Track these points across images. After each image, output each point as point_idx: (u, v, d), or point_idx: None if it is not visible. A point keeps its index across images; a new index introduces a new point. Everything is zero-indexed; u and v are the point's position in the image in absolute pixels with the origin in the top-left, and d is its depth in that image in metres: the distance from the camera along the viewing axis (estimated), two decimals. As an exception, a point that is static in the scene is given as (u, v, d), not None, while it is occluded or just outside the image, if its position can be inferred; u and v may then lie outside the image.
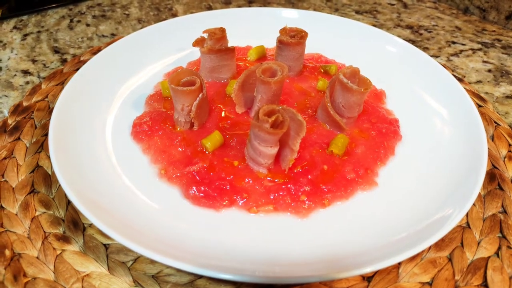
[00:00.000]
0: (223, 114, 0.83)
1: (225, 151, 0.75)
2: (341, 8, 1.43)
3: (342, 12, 1.41)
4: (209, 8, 1.41)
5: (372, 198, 0.70)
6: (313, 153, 0.74)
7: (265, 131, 0.66)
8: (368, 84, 0.76)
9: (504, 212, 0.72)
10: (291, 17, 1.12)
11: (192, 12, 1.37)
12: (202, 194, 0.68)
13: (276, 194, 0.68)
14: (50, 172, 0.75)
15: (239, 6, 1.42)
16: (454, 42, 1.25)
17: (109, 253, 0.64)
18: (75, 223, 0.68)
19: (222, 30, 0.89)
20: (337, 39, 1.06)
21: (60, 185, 0.72)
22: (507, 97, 1.03)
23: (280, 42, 0.89)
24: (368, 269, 0.55)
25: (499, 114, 0.95)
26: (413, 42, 1.24)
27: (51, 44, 1.17)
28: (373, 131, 0.80)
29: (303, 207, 0.67)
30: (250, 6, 1.42)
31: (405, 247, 0.58)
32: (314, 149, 0.75)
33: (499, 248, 0.66)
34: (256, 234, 0.64)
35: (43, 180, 0.74)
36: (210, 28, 0.90)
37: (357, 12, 1.41)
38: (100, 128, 0.81)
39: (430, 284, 0.61)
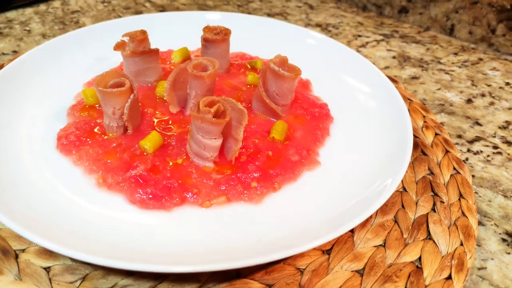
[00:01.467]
0: (156, 116, 0.80)
1: (166, 151, 0.72)
2: (252, 12, 1.48)
3: (254, 15, 1.45)
4: (120, 19, 1.36)
5: (317, 176, 0.73)
6: (256, 142, 0.74)
7: (209, 122, 0.64)
8: (297, 70, 0.79)
9: (431, 173, 0.79)
10: (213, 18, 1.13)
11: (102, 24, 1.30)
12: (150, 196, 0.64)
13: (227, 185, 0.67)
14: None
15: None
16: (359, 36, 1.36)
17: (52, 276, 0.57)
18: (4, 251, 0.59)
19: (143, 32, 0.87)
20: (259, 38, 1.09)
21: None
22: (413, 78, 1.15)
23: (205, 40, 0.89)
24: (325, 239, 0.56)
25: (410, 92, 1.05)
26: (324, 37, 1.32)
27: None
28: (307, 115, 0.83)
29: (256, 193, 0.66)
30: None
31: (355, 214, 0.60)
32: (255, 137, 0.75)
33: (434, 204, 0.73)
34: (213, 226, 0.62)
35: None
36: (130, 31, 0.87)
37: (268, 15, 1.47)
38: (22, 145, 0.72)
39: (383, 246, 0.65)
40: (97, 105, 0.81)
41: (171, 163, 0.69)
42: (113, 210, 0.64)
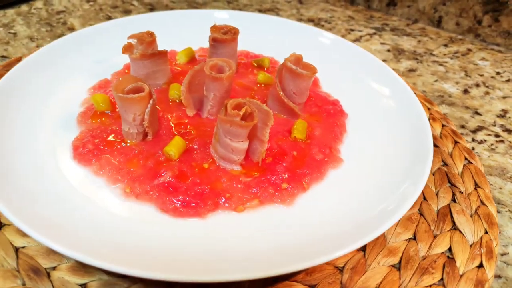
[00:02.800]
0: (172, 120, 0.78)
1: (190, 156, 0.70)
2: (243, 8, 1.47)
3: (252, 12, 1.44)
4: (109, 18, 1.31)
5: (342, 174, 0.73)
6: (279, 142, 0.74)
7: (238, 125, 0.64)
8: (313, 68, 0.79)
9: (445, 164, 0.82)
10: (221, 17, 1.11)
11: (91, 24, 1.25)
12: (183, 204, 0.62)
13: (258, 188, 0.66)
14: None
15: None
16: (352, 30, 1.38)
17: (91, 293, 0.55)
18: (35, 270, 0.57)
19: (151, 34, 0.84)
20: (258, 35, 1.08)
21: None
22: (410, 70, 1.17)
23: (214, 40, 0.87)
24: (364, 241, 0.56)
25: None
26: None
27: None
28: (323, 113, 0.83)
29: (287, 195, 0.66)
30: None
31: (389, 214, 0.61)
32: (277, 138, 0.75)
33: (453, 195, 0.75)
34: (249, 230, 0.62)
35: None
36: (135, 33, 0.84)
37: (259, 11, 1.46)
38: (36, 157, 0.69)
39: (414, 239, 0.66)
40: (109, 111, 0.78)
41: (197, 169, 0.68)
42: (145, 220, 0.62)
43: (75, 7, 1.35)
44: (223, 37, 0.86)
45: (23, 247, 0.59)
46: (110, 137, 0.73)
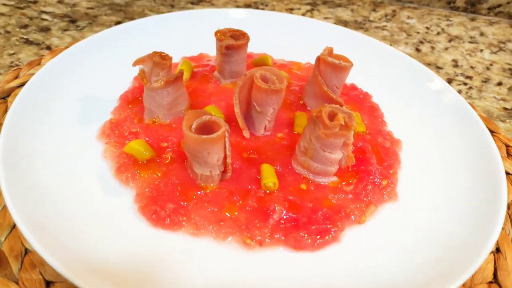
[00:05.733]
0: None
1: (283, 181, 0.63)
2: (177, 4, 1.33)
3: (179, 7, 1.31)
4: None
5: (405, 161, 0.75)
6: (348, 140, 0.72)
7: (342, 135, 0.60)
8: (347, 58, 0.77)
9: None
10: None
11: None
12: (317, 233, 0.57)
13: (365, 192, 0.64)
14: None
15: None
16: (292, 9, 1.38)
17: None
18: None
19: (165, 56, 0.70)
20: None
21: None
22: (366, 39, 1.24)
23: (228, 48, 0.77)
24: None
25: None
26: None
27: None
28: (356, 99, 0.83)
29: (392, 191, 0.66)
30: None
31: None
32: (343, 136, 0.73)
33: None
34: (383, 240, 0.60)
35: None
36: (142, 57, 0.69)
37: (192, 3, 1.34)
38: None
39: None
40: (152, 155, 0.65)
41: (298, 193, 0.62)
42: (280, 264, 0.55)
43: None
44: (238, 43, 0.78)
45: None
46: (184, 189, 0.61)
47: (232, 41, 0.77)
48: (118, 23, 1.17)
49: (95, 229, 0.56)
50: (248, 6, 1.38)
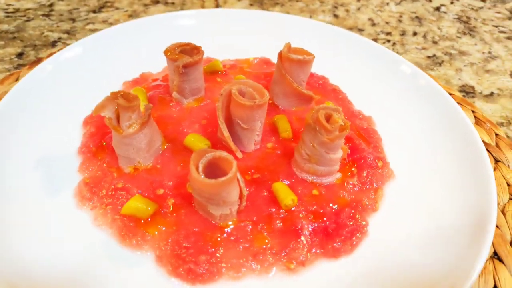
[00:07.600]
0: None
1: (294, 193, 0.63)
2: None
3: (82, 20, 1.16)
4: None
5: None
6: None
7: (344, 136, 0.61)
8: (305, 50, 0.76)
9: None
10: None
11: None
12: (353, 232, 0.59)
13: (368, 179, 0.67)
14: None
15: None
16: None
17: None
18: None
19: (130, 96, 0.62)
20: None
21: None
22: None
23: (185, 66, 0.71)
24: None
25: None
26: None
27: None
28: (314, 88, 0.84)
29: (389, 170, 0.70)
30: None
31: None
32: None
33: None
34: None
35: None
36: (100, 102, 0.61)
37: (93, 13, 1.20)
38: None
39: None
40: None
41: (314, 201, 0.63)
42: (327, 275, 0.56)
43: None
44: (195, 59, 0.72)
45: None
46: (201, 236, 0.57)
47: (188, 59, 0.71)
48: (20, 54, 1.00)
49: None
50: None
